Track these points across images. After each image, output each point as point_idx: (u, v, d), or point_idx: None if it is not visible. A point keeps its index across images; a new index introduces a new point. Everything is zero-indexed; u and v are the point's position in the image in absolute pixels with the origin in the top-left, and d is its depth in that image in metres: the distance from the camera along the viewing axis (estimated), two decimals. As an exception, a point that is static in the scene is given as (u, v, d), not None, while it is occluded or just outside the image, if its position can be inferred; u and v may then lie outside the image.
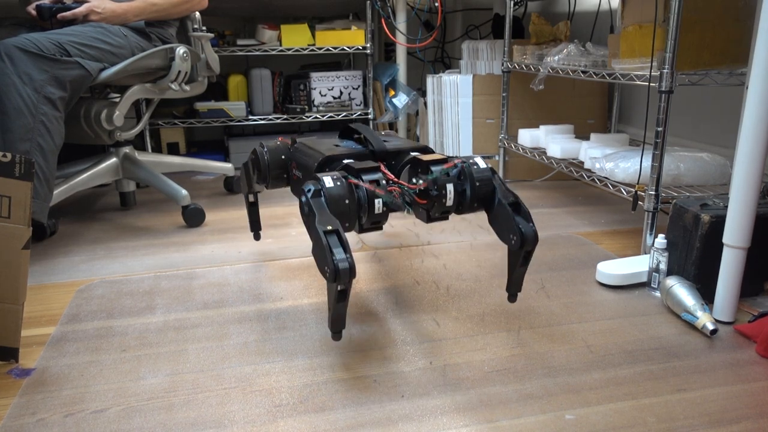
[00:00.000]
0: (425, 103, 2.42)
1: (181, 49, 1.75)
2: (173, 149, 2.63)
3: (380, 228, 1.07)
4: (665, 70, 1.34)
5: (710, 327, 1.10)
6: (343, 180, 1.01)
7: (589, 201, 2.02)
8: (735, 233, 1.11)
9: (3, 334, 1.03)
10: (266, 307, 1.26)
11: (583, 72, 1.67)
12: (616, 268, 1.34)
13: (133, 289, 1.36)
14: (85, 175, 1.78)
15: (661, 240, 1.28)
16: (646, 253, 1.44)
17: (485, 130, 2.25)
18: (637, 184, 1.48)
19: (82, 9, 1.64)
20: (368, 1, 2.46)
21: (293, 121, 2.54)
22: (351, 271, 0.89)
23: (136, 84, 1.75)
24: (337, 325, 0.98)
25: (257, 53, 2.43)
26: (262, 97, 2.52)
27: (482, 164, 1.11)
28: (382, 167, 1.08)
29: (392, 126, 2.73)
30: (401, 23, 2.53)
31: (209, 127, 2.55)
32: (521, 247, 1.06)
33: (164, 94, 1.83)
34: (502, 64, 2.16)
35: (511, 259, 1.12)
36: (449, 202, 1.08)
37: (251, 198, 1.49)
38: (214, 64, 1.95)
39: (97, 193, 2.24)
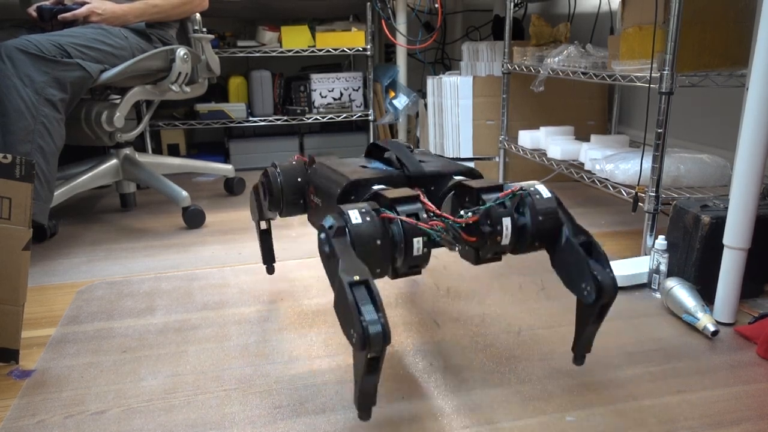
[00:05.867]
0: (425, 105, 2.42)
1: (181, 51, 1.75)
2: (173, 151, 2.63)
3: (419, 272, 0.86)
4: (665, 72, 1.34)
5: (711, 328, 1.10)
6: (374, 214, 0.81)
7: (589, 202, 2.02)
8: (735, 234, 1.11)
9: (3, 336, 1.03)
10: (266, 309, 1.26)
11: (583, 73, 1.68)
12: (617, 270, 1.34)
13: (133, 290, 1.36)
14: (85, 177, 1.78)
15: (661, 241, 1.28)
16: (646, 255, 1.44)
17: (485, 132, 2.25)
18: (638, 185, 1.48)
19: (82, 10, 1.64)
20: (368, 3, 2.46)
21: (293, 122, 2.54)
22: (385, 337, 0.70)
23: (137, 85, 1.75)
24: (365, 401, 0.76)
25: (257, 55, 2.44)
26: (263, 98, 2.52)
27: (546, 193, 0.91)
28: (422, 196, 0.89)
29: (392, 128, 2.73)
30: (401, 24, 2.54)
31: (209, 128, 2.56)
32: (596, 300, 0.86)
33: (165, 96, 1.83)
34: (503, 66, 2.17)
35: (581, 313, 0.92)
36: (505, 240, 0.87)
37: (263, 225, 1.28)
38: (214, 66, 1.95)
39: (98, 194, 2.24)
